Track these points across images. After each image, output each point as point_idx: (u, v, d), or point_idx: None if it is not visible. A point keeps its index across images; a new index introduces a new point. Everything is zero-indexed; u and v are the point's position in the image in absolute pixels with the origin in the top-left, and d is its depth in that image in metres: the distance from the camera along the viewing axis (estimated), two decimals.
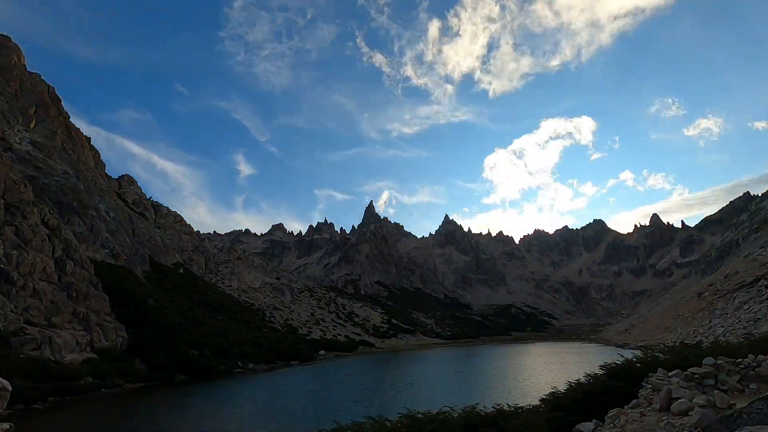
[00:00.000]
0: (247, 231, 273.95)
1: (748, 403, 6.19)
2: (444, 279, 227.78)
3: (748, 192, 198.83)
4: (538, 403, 12.50)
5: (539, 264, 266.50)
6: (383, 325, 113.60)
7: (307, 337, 78.73)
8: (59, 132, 73.07)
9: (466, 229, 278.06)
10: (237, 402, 30.56)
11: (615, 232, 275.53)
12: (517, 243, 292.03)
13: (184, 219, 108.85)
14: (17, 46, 75.54)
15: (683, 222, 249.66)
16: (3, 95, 67.43)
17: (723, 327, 46.86)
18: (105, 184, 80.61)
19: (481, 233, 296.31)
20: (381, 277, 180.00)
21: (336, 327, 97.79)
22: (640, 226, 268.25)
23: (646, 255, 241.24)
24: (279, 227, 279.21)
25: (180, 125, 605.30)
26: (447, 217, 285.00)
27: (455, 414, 10.06)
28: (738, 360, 8.56)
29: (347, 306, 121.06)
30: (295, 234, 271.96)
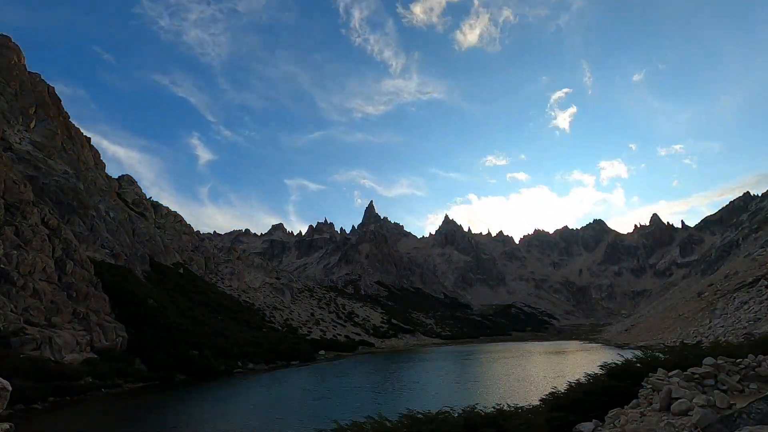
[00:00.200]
0: (247, 231, 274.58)
1: (748, 403, 6.20)
2: (444, 279, 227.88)
3: (748, 192, 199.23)
4: (538, 403, 12.49)
5: (539, 264, 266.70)
6: (383, 325, 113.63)
7: (307, 337, 78.73)
8: (59, 132, 73.04)
9: (466, 229, 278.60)
10: (237, 402, 30.55)
11: (615, 232, 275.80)
12: (517, 243, 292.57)
13: (183, 219, 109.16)
14: (17, 46, 75.59)
15: (683, 222, 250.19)
16: (3, 95, 67.43)
17: (723, 327, 46.79)
18: (105, 184, 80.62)
19: (481, 233, 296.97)
20: (381, 277, 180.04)
21: (336, 327, 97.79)
22: (640, 226, 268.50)
23: (646, 255, 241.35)
24: (279, 227, 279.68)
25: (121, 103, 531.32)
26: (447, 218, 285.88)
27: (455, 414, 10.07)
28: (738, 360, 8.56)
29: (347, 306, 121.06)
30: (295, 234, 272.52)
